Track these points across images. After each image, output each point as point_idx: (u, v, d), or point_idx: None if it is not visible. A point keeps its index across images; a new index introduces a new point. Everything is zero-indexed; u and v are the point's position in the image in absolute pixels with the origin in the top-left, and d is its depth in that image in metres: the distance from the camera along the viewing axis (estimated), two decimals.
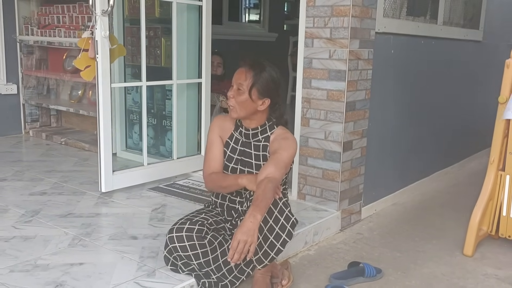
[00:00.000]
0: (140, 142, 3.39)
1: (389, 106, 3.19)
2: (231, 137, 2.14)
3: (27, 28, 4.44)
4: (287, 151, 1.98)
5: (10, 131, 4.54)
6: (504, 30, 4.77)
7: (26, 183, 3.18)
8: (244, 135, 2.10)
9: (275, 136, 2.07)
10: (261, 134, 2.08)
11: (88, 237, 2.39)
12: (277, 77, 2.03)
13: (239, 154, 2.10)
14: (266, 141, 2.08)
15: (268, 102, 2.02)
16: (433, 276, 2.40)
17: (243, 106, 2.00)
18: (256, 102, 2.00)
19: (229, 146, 2.13)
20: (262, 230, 1.89)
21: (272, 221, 1.89)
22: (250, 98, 1.99)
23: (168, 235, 1.98)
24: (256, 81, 1.98)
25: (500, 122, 2.69)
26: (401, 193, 3.49)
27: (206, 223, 2.02)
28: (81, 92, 4.53)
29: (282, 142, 2.02)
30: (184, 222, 1.99)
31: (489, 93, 4.40)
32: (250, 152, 2.09)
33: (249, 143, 2.10)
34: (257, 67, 1.99)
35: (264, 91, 1.99)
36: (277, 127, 2.09)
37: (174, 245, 1.95)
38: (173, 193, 3.06)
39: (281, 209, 1.91)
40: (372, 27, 2.84)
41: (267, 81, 1.99)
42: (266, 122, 2.08)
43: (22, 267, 2.06)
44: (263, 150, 2.08)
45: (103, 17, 2.73)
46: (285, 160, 1.96)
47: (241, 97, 1.99)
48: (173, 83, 3.29)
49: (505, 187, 2.69)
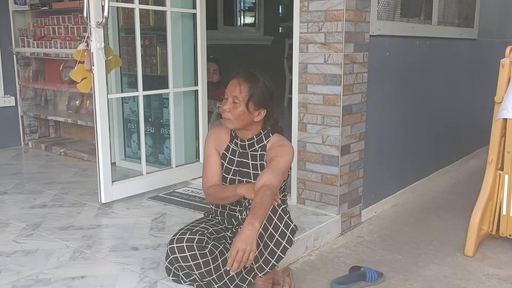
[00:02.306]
0: (139, 151, 3.40)
1: (386, 108, 3.19)
2: (228, 149, 2.15)
3: (23, 40, 4.44)
4: (284, 157, 1.99)
5: (9, 143, 4.54)
6: (499, 27, 4.78)
7: (26, 195, 3.18)
8: (241, 146, 2.11)
9: (271, 144, 2.08)
10: (257, 144, 2.09)
11: (89, 249, 2.39)
12: (271, 86, 2.04)
13: (237, 165, 2.11)
14: (262, 150, 2.09)
15: (264, 113, 2.04)
16: (434, 278, 2.40)
17: (239, 118, 2.01)
18: (253, 114, 2.02)
19: (226, 158, 2.14)
20: (262, 238, 1.89)
21: (272, 228, 1.89)
22: (247, 111, 2.00)
23: (168, 246, 1.98)
24: (254, 94, 1.99)
25: (497, 122, 2.69)
26: (401, 194, 3.50)
27: (206, 233, 2.02)
28: (79, 102, 4.54)
29: (278, 149, 2.03)
30: (184, 232, 2.00)
31: (486, 91, 4.41)
32: (247, 162, 2.10)
33: (246, 153, 2.11)
34: (252, 79, 2.00)
35: (260, 102, 2.01)
36: (272, 135, 2.10)
37: (175, 255, 1.96)
38: (173, 202, 3.07)
39: (280, 216, 1.91)
40: (366, 30, 2.84)
41: (263, 92, 2.01)
42: (262, 131, 2.09)
43: (24, 282, 2.06)
44: (260, 159, 2.08)
45: (98, 29, 2.74)
46: (282, 167, 1.97)
47: (237, 110, 2.00)
48: (170, 92, 3.30)
49: (504, 186, 2.70)
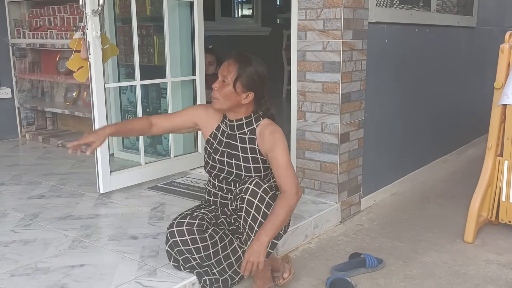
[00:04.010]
0: (137, 141, 3.38)
1: (385, 96, 3.18)
2: (218, 129, 2.12)
3: (18, 31, 4.41)
4: (281, 148, 1.97)
5: (6, 135, 4.52)
6: (498, 15, 4.76)
7: (24, 186, 3.17)
8: (229, 127, 2.08)
9: (261, 129, 2.04)
10: (246, 126, 2.06)
11: (88, 238, 2.38)
12: (263, 72, 2.01)
13: (225, 146, 2.08)
14: (252, 134, 2.05)
15: (252, 96, 2.01)
16: (434, 264, 2.40)
17: (226, 98, 1.99)
18: (240, 95, 1.99)
19: (217, 137, 2.11)
20: (252, 229, 1.93)
21: (261, 217, 1.92)
22: (234, 91, 1.98)
23: (168, 230, 1.98)
24: (241, 74, 1.97)
25: (497, 108, 2.68)
26: (400, 182, 3.49)
27: (206, 218, 2.02)
28: (76, 94, 4.51)
29: (271, 139, 1.99)
30: (184, 216, 2.00)
31: (485, 79, 4.41)
32: (236, 145, 2.07)
33: (234, 135, 2.08)
34: (243, 61, 1.99)
35: (248, 84, 1.98)
36: (263, 119, 2.07)
37: (175, 239, 1.95)
38: (172, 192, 3.06)
39: (268, 204, 1.92)
40: (365, 17, 2.82)
41: (252, 74, 1.98)
42: (252, 114, 2.06)
43: (22, 271, 2.05)
44: (250, 143, 2.05)
45: (93, 17, 2.71)
46: (286, 161, 1.96)
47: (225, 89, 1.98)
48: (167, 81, 3.28)
49: (504, 172, 2.69)
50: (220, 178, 2.09)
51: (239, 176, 2.04)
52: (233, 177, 2.05)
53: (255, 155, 2.03)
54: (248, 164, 2.03)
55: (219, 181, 2.10)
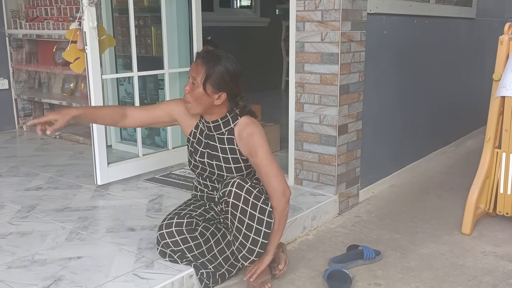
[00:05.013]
0: (135, 133, 3.37)
1: (384, 88, 3.17)
2: (197, 127, 2.07)
3: (15, 21, 4.38)
4: (261, 151, 1.94)
5: (3, 126, 4.50)
6: (498, 7, 4.73)
7: (21, 178, 3.16)
8: (207, 128, 2.03)
9: (239, 129, 1.98)
10: (223, 127, 1.99)
11: (85, 230, 2.38)
12: (234, 69, 1.91)
13: (204, 146, 2.04)
14: (230, 134, 1.99)
15: (224, 96, 1.92)
16: (432, 256, 2.40)
17: (198, 101, 1.92)
18: (211, 97, 1.91)
19: (196, 136, 2.07)
20: (240, 231, 1.92)
21: (247, 219, 1.90)
22: (205, 93, 1.90)
23: (158, 232, 1.99)
24: (210, 75, 1.87)
25: (495, 100, 2.67)
26: (398, 174, 3.49)
27: (195, 215, 2.01)
28: (73, 85, 4.49)
29: (250, 143, 1.95)
30: (172, 217, 1.99)
31: (484, 71, 4.39)
32: (215, 145, 2.02)
33: (212, 135, 2.02)
34: (211, 60, 1.88)
35: (219, 85, 1.89)
36: (240, 118, 2.00)
37: (166, 241, 1.97)
38: (170, 183, 3.05)
39: (253, 204, 1.89)
40: (364, 8, 2.80)
41: (221, 74, 1.88)
42: (228, 114, 1.99)
43: (19, 263, 2.05)
44: (229, 143, 2.00)
45: (90, 7, 2.69)
46: (268, 164, 1.94)
47: (195, 91, 1.90)
48: (165, 73, 3.26)
49: (502, 164, 2.69)
50: (204, 176, 2.08)
51: (221, 176, 2.02)
52: (215, 176, 2.04)
53: (235, 155, 1.99)
54: (229, 165, 2.00)
55: (203, 179, 2.09)
